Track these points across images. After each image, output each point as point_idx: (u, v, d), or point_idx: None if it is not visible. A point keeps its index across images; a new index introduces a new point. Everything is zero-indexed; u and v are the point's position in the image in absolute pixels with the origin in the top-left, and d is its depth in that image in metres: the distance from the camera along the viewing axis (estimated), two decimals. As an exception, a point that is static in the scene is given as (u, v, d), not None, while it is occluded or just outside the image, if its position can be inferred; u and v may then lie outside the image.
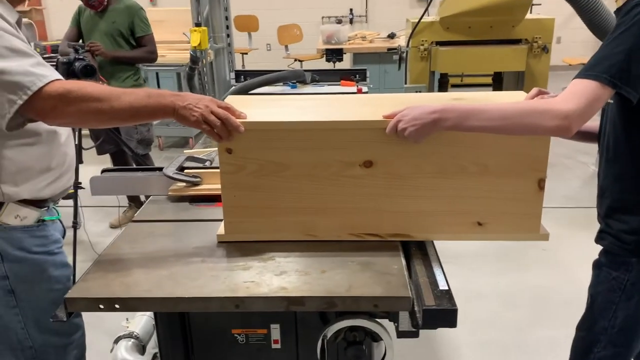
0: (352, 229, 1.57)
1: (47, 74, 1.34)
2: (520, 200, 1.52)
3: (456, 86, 5.23)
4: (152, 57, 3.90)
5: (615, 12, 1.45)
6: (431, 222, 1.55)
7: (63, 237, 1.66)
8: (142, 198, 3.88)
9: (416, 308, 1.31)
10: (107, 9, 3.75)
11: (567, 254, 3.62)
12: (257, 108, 1.61)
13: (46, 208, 1.56)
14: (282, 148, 1.48)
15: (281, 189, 1.52)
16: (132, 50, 3.85)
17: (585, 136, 1.73)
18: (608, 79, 1.31)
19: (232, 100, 1.65)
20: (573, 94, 1.34)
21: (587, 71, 1.35)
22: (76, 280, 1.43)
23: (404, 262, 1.48)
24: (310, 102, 1.79)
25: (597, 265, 1.58)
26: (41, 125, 1.47)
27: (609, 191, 1.53)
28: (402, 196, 1.52)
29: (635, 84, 1.32)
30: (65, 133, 1.61)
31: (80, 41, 3.84)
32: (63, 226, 1.69)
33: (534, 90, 1.55)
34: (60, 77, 1.37)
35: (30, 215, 1.51)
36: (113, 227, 4.11)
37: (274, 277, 1.40)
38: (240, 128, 1.43)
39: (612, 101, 1.47)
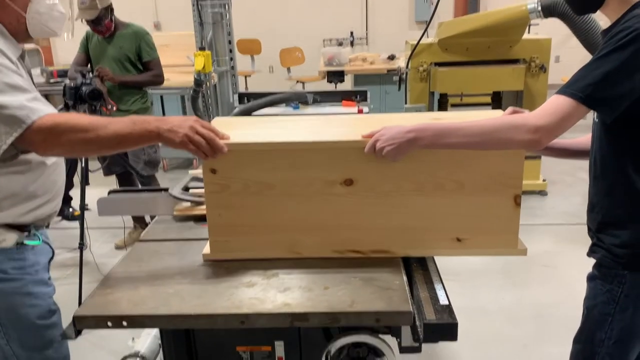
0: (335, 246, 1.61)
1: (40, 108, 1.41)
2: (497, 216, 1.56)
3: (456, 105, 5.27)
4: (158, 80, 3.98)
5: (601, 32, 1.51)
6: (411, 238, 1.59)
7: (51, 259, 1.68)
8: (148, 219, 3.92)
9: (417, 322, 1.34)
10: (114, 34, 3.84)
11: (569, 270, 3.62)
12: (241, 129, 1.66)
13: (27, 233, 1.57)
14: (265, 168, 1.53)
15: (265, 207, 1.56)
16: (139, 74, 3.92)
17: (562, 152, 1.78)
18: (583, 98, 1.37)
19: (218, 123, 1.70)
20: (547, 109, 1.40)
21: (565, 88, 1.41)
22: (83, 299, 1.46)
23: (405, 278, 1.51)
24: (293, 123, 1.85)
25: (591, 278, 1.61)
26: (32, 154, 1.52)
27: (599, 206, 1.57)
28: (382, 213, 1.56)
29: (609, 105, 1.38)
30: (55, 161, 1.64)
31: (89, 66, 3.91)
32: (52, 248, 1.70)
33: (509, 109, 1.61)
34: (54, 110, 1.44)
35: (8, 238, 1.53)
36: (118, 248, 4.13)
37: (278, 294, 1.43)
38: (224, 149, 1.48)
39: (597, 120, 1.52)
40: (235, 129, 1.61)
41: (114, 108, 3.56)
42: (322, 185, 1.54)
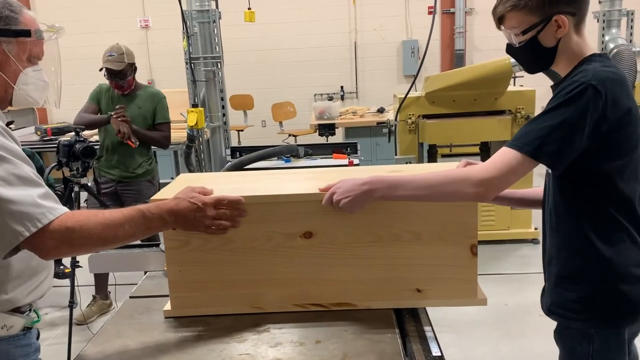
0: (296, 300, 1.61)
1: (56, 207, 1.29)
2: (455, 266, 1.57)
3: (446, 156, 5.37)
4: (166, 142, 3.95)
5: (552, 87, 1.55)
6: (372, 289, 1.60)
7: (37, 338, 1.54)
8: (113, 284, 3.83)
9: (410, 375, 1.33)
10: (133, 94, 3.83)
11: (566, 320, 3.59)
12: (205, 186, 1.65)
13: (27, 313, 1.47)
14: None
15: (225, 262, 1.57)
16: (151, 131, 3.89)
17: (519, 202, 1.80)
18: (530, 151, 1.40)
19: (182, 180, 1.72)
20: (494, 163, 1.43)
21: (513, 141, 1.44)
22: (72, 358, 1.43)
23: (397, 330, 1.50)
24: (255, 177, 1.88)
25: (559, 339, 1.59)
26: None
27: (555, 259, 1.56)
28: (342, 265, 1.58)
29: (555, 158, 1.41)
30: None
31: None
32: (37, 329, 1.56)
33: (463, 162, 1.65)
34: (65, 210, 1.31)
35: (16, 324, 1.41)
36: (78, 323, 3.64)
37: (269, 349, 1.42)
38: (243, 212, 1.51)
39: (550, 172, 1.54)
40: (202, 185, 1.60)
41: (137, 143, 3.64)
42: (281, 238, 1.56)
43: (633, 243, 1.49)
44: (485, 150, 4.98)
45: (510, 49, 1.59)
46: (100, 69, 3.70)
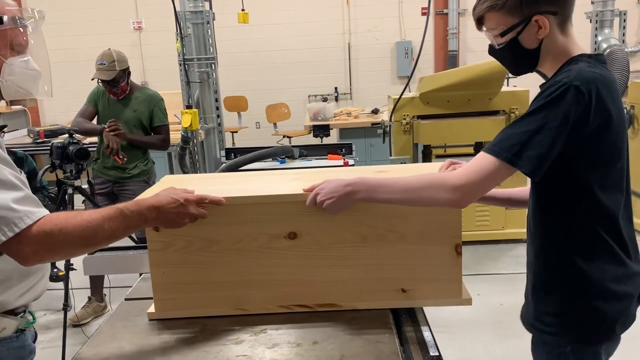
0: (281, 301, 1.60)
1: (33, 210, 1.24)
2: (439, 266, 1.57)
3: (440, 156, 5.37)
4: (164, 145, 3.92)
5: (540, 86, 1.49)
6: (357, 290, 1.59)
7: (34, 341, 1.51)
8: (106, 290, 3.80)
9: (408, 375, 1.32)
10: (129, 97, 3.79)
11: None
12: (190, 187, 1.64)
13: (22, 314, 1.44)
14: (208, 223, 1.52)
15: (209, 263, 1.56)
16: (148, 136, 3.86)
17: (506, 202, 1.77)
18: (508, 158, 1.32)
19: (168, 181, 1.71)
20: (471, 168, 1.37)
21: (491, 146, 1.37)
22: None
23: (394, 330, 1.50)
24: (240, 178, 1.87)
25: (534, 352, 1.56)
26: None
27: (532, 266, 1.52)
28: (327, 266, 1.57)
29: (535, 164, 1.32)
30: None
31: (95, 120, 3.86)
32: (35, 330, 1.54)
33: (447, 162, 1.63)
34: (45, 213, 1.27)
35: (9, 326, 1.38)
36: (73, 325, 3.62)
37: (267, 350, 1.41)
38: (222, 201, 1.50)
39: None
40: (185, 187, 1.60)
41: (125, 159, 3.61)
42: (265, 239, 1.55)
43: (611, 257, 1.42)
44: (480, 150, 4.99)
45: (492, 51, 1.52)
46: (93, 79, 3.67)
